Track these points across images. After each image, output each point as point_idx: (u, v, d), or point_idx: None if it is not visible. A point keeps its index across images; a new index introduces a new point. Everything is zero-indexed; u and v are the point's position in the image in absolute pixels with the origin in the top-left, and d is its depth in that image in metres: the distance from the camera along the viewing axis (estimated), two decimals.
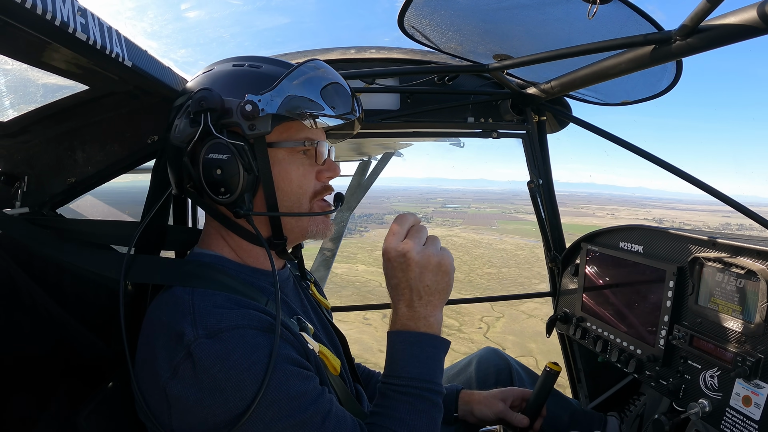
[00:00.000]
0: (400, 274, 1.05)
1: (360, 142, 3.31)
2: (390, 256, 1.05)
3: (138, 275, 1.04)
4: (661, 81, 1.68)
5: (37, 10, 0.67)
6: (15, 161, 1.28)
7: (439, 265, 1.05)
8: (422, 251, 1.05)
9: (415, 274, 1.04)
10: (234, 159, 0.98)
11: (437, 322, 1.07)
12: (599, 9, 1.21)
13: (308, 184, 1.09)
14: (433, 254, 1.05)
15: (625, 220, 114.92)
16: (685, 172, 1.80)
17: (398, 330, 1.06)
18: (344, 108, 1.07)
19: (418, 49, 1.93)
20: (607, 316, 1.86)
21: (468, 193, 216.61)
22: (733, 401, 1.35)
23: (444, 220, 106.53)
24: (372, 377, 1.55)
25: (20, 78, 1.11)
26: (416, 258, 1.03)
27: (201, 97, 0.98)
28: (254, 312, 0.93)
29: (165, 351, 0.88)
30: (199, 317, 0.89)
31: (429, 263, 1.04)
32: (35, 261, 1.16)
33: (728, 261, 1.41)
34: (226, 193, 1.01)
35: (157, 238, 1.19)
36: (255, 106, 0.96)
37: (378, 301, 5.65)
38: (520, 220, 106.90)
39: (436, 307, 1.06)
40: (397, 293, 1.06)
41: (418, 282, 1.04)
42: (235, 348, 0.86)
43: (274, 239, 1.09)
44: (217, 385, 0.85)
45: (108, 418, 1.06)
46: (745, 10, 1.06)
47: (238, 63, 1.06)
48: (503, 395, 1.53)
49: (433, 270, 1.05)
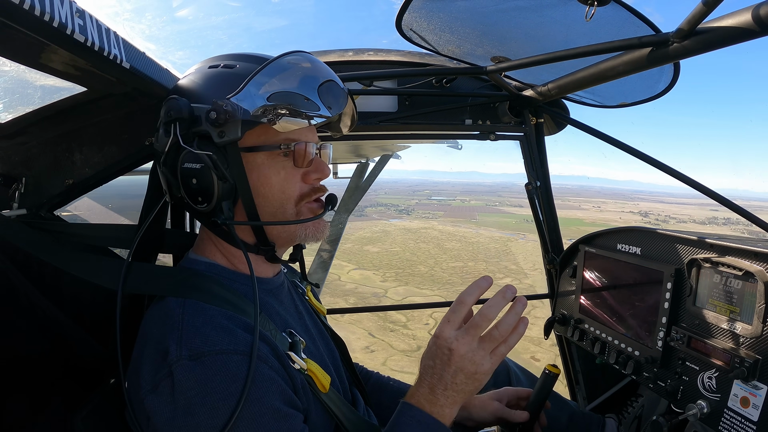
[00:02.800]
0: (438, 363, 1.02)
1: (358, 144, 3.31)
2: (439, 343, 1.02)
3: (134, 286, 1.02)
4: (659, 83, 1.69)
5: (35, 11, 0.67)
6: (13, 163, 1.28)
7: (474, 374, 1.02)
8: (467, 354, 1.00)
9: (452, 371, 1.01)
10: (207, 168, 0.96)
11: (450, 416, 1.05)
12: (597, 11, 1.21)
13: (292, 188, 1.05)
14: (476, 362, 1.01)
15: (611, 212, 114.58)
16: (679, 172, 1.80)
17: (412, 404, 1.04)
18: (332, 101, 1.01)
19: (416, 51, 1.93)
20: (605, 318, 1.86)
21: (457, 185, 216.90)
22: (731, 402, 1.35)
23: (425, 213, 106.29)
24: (370, 377, 1.54)
25: (18, 79, 1.11)
26: (459, 359, 1.00)
27: (170, 107, 0.96)
28: (241, 333, 0.91)
29: (149, 365, 0.89)
30: (186, 336, 0.88)
31: (466, 368, 1.01)
32: (32, 262, 1.16)
33: (726, 263, 1.42)
34: (204, 203, 0.99)
35: (155, 242, 1.18)
36: (220, 112, 0.92)
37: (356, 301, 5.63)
38: (502, 213, 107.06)
39: (456, 403, 1.04)
40: (428, 373, 1.04)
41: (450, 377, 1.02)
42: (215, 375, 0.85)
43: (261, 246, 1.07)
44: (191, 409, 0.84)
45: (104, 420, 1.05)
46: (741, 13, 1.06)
47: (213, 64, 1.03)
48: (498, 396, 1.52)
49: (468, 375, 1.02)
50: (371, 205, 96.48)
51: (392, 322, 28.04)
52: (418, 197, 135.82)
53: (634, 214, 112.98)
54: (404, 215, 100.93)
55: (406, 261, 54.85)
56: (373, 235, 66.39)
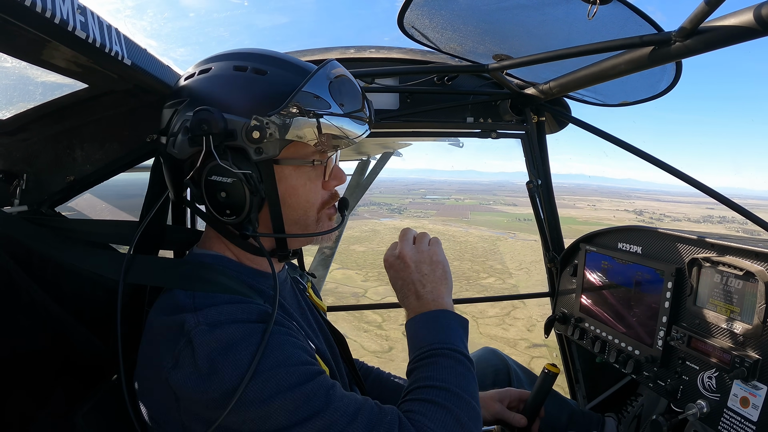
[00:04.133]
0: (402, 274, 1.14)
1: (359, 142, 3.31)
2: (389, 262, 1.17)
3: (137, 277, 1.01)
4: (661, 82, 1.68)
5: (36, 8, 0.67)
6: (14, 159, 1.28)
7: (431, 257, 1.15)
8: (413, 248, 1.16)
9: (413, 269, 1.13)
10: (239, 182, 0.94)
11: (449, 304, 1.12)
12: (599, 10, 1.21)
13: (315, 197, 1.05)
14: (423, 250, 1.16)
15: (605, 210, 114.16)
16: (679, 170, 1.80)
17: (411, 317, 1.10)
18: (360, 124, 1.02)
19: (417, 48, 1.93)
20: (605, 317, 1.87)
21: (454, 184, 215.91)
22: (730, 402, 1.35)
23: (416, 212, 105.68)
24: (370, 373, 1.55)
25: (19, 76, 1.11)
26: (410, 255, 1.14)
27: (202, 120, 0.90)
28: (254, 305, 0.93)
29: (166, 344, 0.87)
30: (201, 312, 0.88)
31: (422, 258, 1.14)
32: (33, 259, 1.16)
33: (726, 262, 1.42)
34: (232, 215, 0.97)
35: (156, 238, 1.18)
36: (263, 131, 0.90)
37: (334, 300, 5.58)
38: (495, 212, 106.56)
39: (443, 293, 1.13)
40: (404, 292, 1.14)
41: (417, 275, 1.13)
42: (234, 334, 0.86)
43: (278, 251, 1.09)
44: (214, 366, 0.83)
45: (106, 416, 1.05)
46: (743, 12, 1.06)
47: (239, 65, 0.96)
48: (500, 396, 1.53)
49: (427, 262, 1.14)
50: (364, 204, 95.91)
51: (367, 323, 27.42)
52: (412, 196, 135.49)
53: (628, 213, 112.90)
54: (396, 214, 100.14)
55: None
56: (361, 234, 65.52)
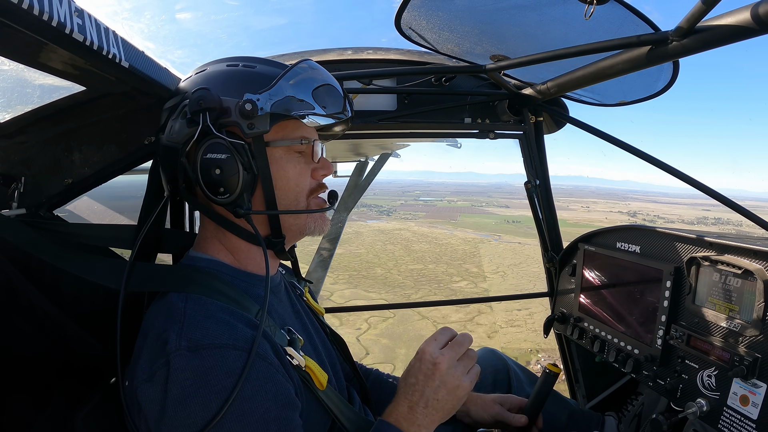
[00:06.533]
0: (422, 378, 1.11)
1: (357, 143, 3.30)
2: (423, 358, 1.12)
3: (136, 284, 1.04)
4: (658, 81, 1.69)
5: (33, 10, 0.67)
6: (12, 162, 1.27)
7: (456, 389, 1.11)
8: (451, 369, 1.11)
9: (434, 385, 1.10)
10: (233, 158, 0.99)
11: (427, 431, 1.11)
12: (596, 10, 1.21)
13: (305, 182, 1.10)
14: (458, 377, 1.11)
15: (599, 212, 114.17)
16: (678, 170, 1.80)
17: (390, 423, 1.08)
18: (336, 107, 1.09)
19: (415, 49, 1.93)
20: (604, 316, 1.87)
21: (450, 186, 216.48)
22: (730, 401, 1.35)
23: (405, 214, 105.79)
24: (370, 374, 1.55)
25: (17, 79, 1.11)
26: (442, 373, 1.10)
27: (199, 97, 0.97)
28: (242, 328, 0.92)
29: (148, 355, 0.90)
30: (187, 327, 0.89)
31: (449, 383, 1.10)
32: (32, 262, 1.15)
33: (725, 261, 1.42)
34: (225, 193, 1.01)
35: (154, 242, 1.19)
36: (254, 105, 0.97)
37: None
38: (486, 214, 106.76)
39: (433, 422, 1.10)
40: (408, 391, 1.11)
41: (432, 392, 1.09)
42: (212, 368, 0.86)
43: (272, 238, 1.10)
44: (184, 400, 0.84)
45: (105, 419, 1.05)
46: (740, 12, 1.07)
47: (231, 63, 1.07)
48: (501, 400, 1.53)
49: (450, 391, 1.10)
50: (358, 206, 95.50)
51: None
52: (405, 198, 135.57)
53: (622, 214, 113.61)
54: (384, 216, 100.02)
55: (366, 263, 54.29)
56: (344, 236, 65.56)
